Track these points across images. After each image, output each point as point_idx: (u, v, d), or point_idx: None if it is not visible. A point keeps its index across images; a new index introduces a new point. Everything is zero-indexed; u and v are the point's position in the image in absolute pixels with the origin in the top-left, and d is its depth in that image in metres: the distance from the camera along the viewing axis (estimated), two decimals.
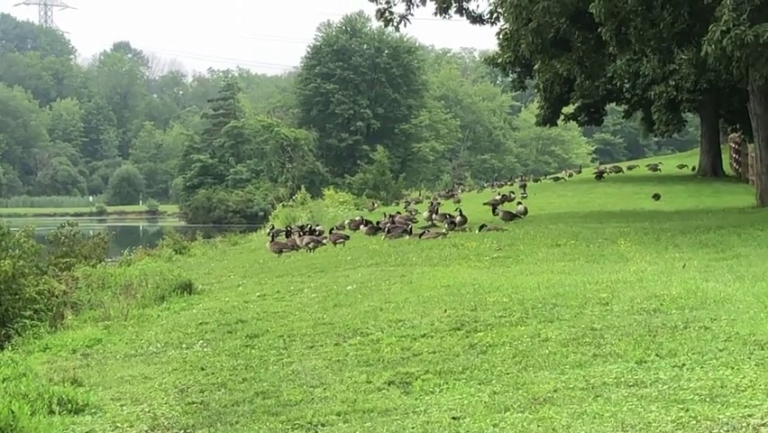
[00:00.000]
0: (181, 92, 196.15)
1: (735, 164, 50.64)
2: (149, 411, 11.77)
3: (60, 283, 21.02)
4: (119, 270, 26.60)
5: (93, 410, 12.04)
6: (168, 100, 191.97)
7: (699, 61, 27.45)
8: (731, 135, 53.45)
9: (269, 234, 33.20)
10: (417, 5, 38.96)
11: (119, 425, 11.24)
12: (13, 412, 10.36)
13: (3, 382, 12.57)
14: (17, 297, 17.92)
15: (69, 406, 11.98)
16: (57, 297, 19.70)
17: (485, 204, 36.84)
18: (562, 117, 59.94)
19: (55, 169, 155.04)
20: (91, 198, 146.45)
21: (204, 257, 33.34)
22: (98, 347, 16.78)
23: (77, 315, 19.92)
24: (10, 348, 16.42)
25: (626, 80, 41.86)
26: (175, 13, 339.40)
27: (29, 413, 10.79)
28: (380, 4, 38.40)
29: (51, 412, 11.62)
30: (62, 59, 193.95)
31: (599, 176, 57.02)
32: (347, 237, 28.48)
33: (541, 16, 33.33)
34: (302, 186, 74.67)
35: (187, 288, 20.88)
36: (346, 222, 34.52)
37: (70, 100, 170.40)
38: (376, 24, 61.15)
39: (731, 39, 22.78)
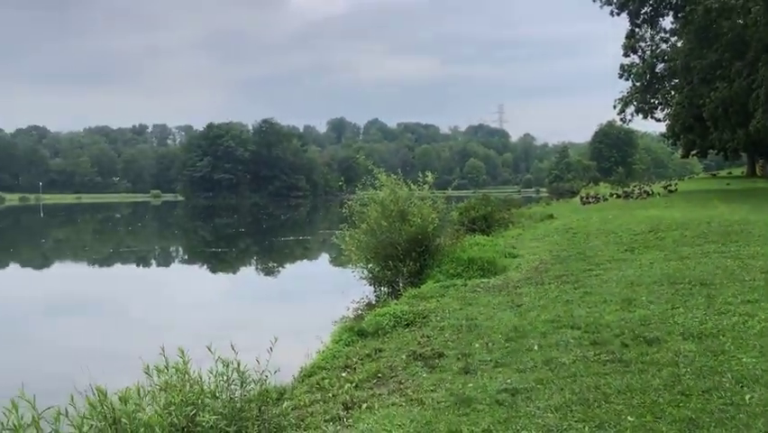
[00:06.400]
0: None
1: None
2: (538, 257, 14.85)
3: (506, 215, 26.35)
4: (527, 210, 34.34)
5: (519, 256, 15.31)
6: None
7: None
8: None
9: (580, 197, 41.84)
10: (634, 116, 55.73)
11: (528, 261, 14.38)
12: (493, 257, 14.14)
13: (495, 246, 16.15)
14: (493, 219, 24.24)
15: (511, 254, 15.46)
16: (506, 219, 25.01)
17: (662, 187, 43.74)
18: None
19: None
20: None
21: (555, 206, 38.37)
22: (519, 236, 20.51)
23: (512, 225, 25.25)
24: (492, 237, 20.42)
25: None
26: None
27: (497, 257, 14.39)
28: (621, 116, 56.10)
29: (505, 256, 15.02)
30: (503, 140, 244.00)
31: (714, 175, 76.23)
32: (606, 199, 36.90)
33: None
34: (591, 182, 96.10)
35: (550, 216, 26.46)
36: (608, 194, 42.71)
37: (511, 154, 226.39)
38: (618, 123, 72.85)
39: None
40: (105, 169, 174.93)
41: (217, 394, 5.30)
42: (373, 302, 14.21)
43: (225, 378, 5.39)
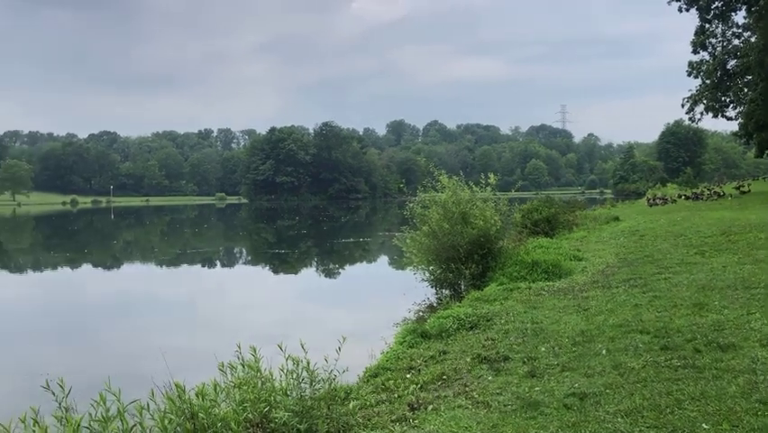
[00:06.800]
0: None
1: None
2: (604, 261, 14.65)
3: (570, 217, 25.71)
4: (592, 212, 33.82)
5: (584, 259, 15.17)
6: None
7: None
8: None
9: (647, 199, 41.56)
10: (703, 115, 50.91)
11: (593, 264, 14.24)
12: (558, 259, 13.98)
13: (559, 249, 16.01)
14: (556, 221, 23.60)
15: (576, 257, 15.36)
16: (569, 221, 24.63)
17: (733, 188, 44.08)
18: None
19: None
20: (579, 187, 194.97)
21: (621, 207, 37.47)
22: (584, 239, 20.09)
23: (576, 227, 24.49)
24: (555, 239, 20.30)
25: None
26: None
27: (562, 260, 14.20)
28: (689, 114, 51.56)
29: (570, 259, 14.89)
30: (566, 140, 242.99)
31: None
32: (675, 201, 35.83)
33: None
34: (657, 183, 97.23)
35: (616, 218, 25.87)
36: (676, 195, 42.74)
37: (574, 155, 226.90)
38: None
39: None
40: (172, 172, 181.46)
41: (288, 392, 5.47)
42: (434, 304, 14.24)
43: (295, 376, 5.55)
